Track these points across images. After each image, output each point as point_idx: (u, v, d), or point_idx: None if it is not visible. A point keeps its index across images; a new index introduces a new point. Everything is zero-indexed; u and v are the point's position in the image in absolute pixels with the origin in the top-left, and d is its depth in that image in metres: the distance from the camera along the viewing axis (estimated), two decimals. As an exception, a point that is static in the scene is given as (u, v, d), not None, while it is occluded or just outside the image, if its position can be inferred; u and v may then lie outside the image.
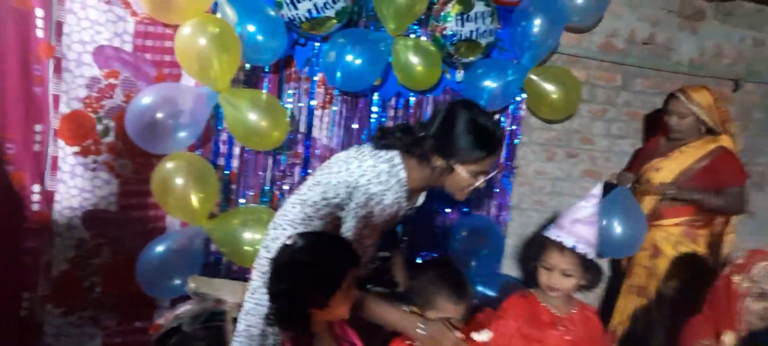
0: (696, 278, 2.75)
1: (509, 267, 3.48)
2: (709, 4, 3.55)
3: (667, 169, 2.92)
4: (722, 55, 3.68)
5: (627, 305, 3.06)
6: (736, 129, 3.00)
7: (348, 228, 1.80)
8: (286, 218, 2.00)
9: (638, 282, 3.02)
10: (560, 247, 1.93)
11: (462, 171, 1.82)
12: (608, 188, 2.76)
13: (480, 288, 3.06)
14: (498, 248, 3.10)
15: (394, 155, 1.85)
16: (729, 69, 3.68)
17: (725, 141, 2.90)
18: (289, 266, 1.49)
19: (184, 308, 2.42)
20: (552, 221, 3.41)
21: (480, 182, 1.86)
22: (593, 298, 3.53)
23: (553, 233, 1.96)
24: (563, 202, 3.55)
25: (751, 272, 1.76)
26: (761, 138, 3.90)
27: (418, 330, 1.76)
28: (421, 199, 2.14)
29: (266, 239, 2.08)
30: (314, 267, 1.47)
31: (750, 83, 3.73)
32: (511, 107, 3.21)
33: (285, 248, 1.53)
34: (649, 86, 3.56)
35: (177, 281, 2.56)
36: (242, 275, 2.78)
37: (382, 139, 1.90)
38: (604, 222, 2.65)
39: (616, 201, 2.74)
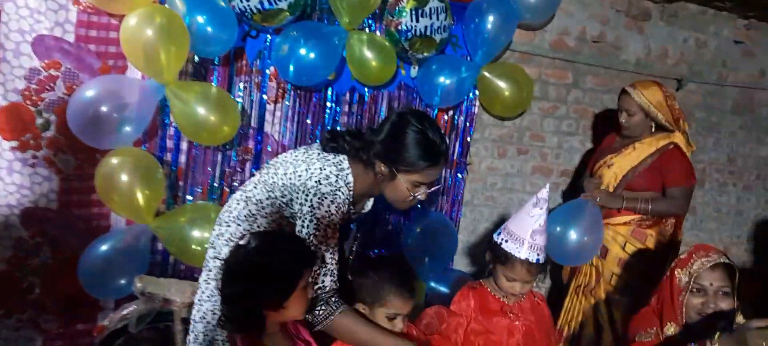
0: (644, 277, 2.79)
1: (461, 263, 3.52)
2: (654, 5, 3.66)
3: (618, 166, 2.93)
4: (667, 55, 3.79)
5: (574, 306, 3.07)
6: (687, 128, 3.00)
7: (309, 231, 1.76)
8: (231, 214, 1.97)
9: (585, 282, 3.03)
10: (527, 264, 1.98)
11: (404, 180, 1.82)
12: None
13: (433, 284, 3.08)
14: (450, 244, 3.12)
15: (342, 159, 1.84)
16: (673, 69, 3.80)
17: (678, 138, 2.90)
18: (243, 267, 1.45)
19: (130, 309, 2.34)
20: (503, 217, 3.49)
21: (420, 193, 1.86)
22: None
23: (514, 249, 1.98)
24: (514, 198, 3.61)
25: (692, 268, 1.82)
26: (702, 136, 4.04)
27: None
28: (368, 204, 2.14)
29: (211, 235, 2.04)
30: (269, 268, 1.43)
31: (692, 83, 3.86)
32: (465, 104, 3.23)
33: (238, 249, 1.49)
34: (599, 84, 3.64)
35: (122, 281, 2.47)
36: (191, 274, 2.71)
37: (331, 141, 1.88)
38: (559, 229, 2.68)
39: (581, 211, 2.75)
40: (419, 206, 2.00)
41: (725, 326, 1.63)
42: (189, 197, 2.74)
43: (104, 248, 2.45)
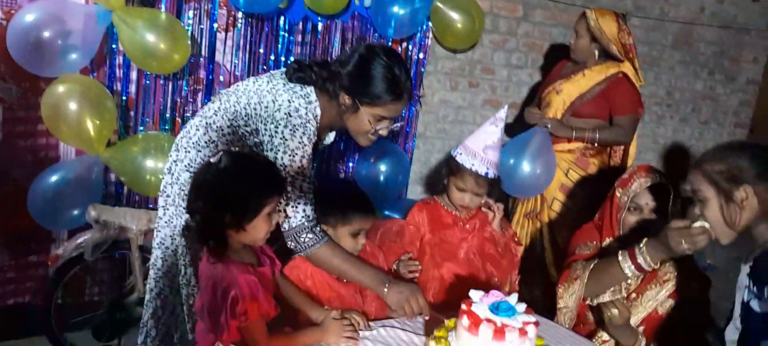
0: (585, 204, 2.89)
1: (414, 193, 3.61)
2: (602, -60, 3.72)
3: (566, 92, 2.98)
4: (613, -11, 3.89)
5: (520, 231, 3.16)
6: (640, 65, 3.06)
7: (283, 162, 1.77)
8: (190, 140, 1.95)
9: (530, 208, 3.13)
10: (476, 175, 2.03)
11: (367, 113, 1.83)
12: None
13: (386, 212, 3.17)
14: (403, 174, 3.19)
15: (309, 91, 1.83)
16: (618, 4, 3.91)
17: (627, 68, 2.95)
18: (210, 185, 1.46)
19: (84, 237, 2.33)
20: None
21: (382, 128, 1.89)
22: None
23: (467, 161, 2.05)
24: (465, 130, 3.69)
25: (630, 188, 1.93)
26: (643, 70, 4.18)
27: (384, 290, 1.78)
28: (330, 137, 2.16)
29: (168, 161, 2.03)
30: (234, 189, 1.45)
31: (636, 18, 3.98)
32: (418, 36, 3.25)
33: (208, 166, 1.49)
34: (548, 18, 3.72)
35: (75, 212, 2.44)
36: (145, 205, 2.71)
37: (299, 71, 1.85)
38: (513, 161, 2.76)
39: (532, 142, 2.81)
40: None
41: (654, 233, 1.76)
42: (141, 128, 2.70)
43: (54, 178, 2.41)
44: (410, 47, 3.25)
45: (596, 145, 2.96)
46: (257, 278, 1.47)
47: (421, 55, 3.30)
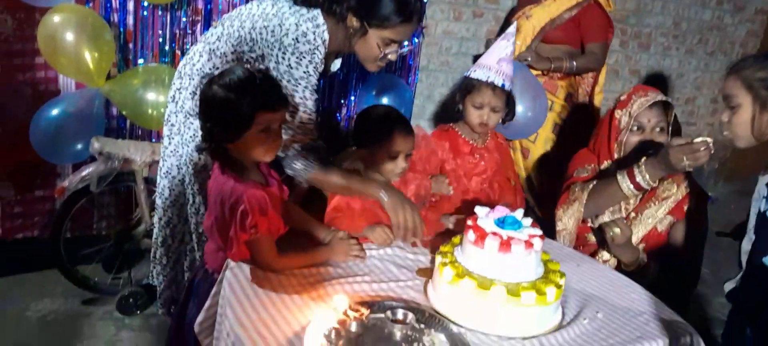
0: (554, 127, 2.91)
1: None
2: None
3: (536, 17, 2.93)
4: None
5: None
6: None
7: (286, 91, 1.75)
8: (194, 66, 1.93)
9: None
10: (492, 86, 2.00)
11: (374, 36, 1.79)
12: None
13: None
14: (406, 107, 3.16)
15: (317, 14, 1.77)
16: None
17: None
18: (204, 98, 1.46)
19: (89, 169, 2.33)
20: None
21: (391, 52, 1.84)
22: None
23: (482, 74, 2.02)
24: (469, 63, 3.64)
25: (632, 108, 1.92)
26: (650, 0, 4.12)
27: (384, 198, 1.76)
28: (337, 64, 2.12)
29: (172, 90, 2.01)
30: (222, 103, 1.44)
31: (644, -56, 3.88)
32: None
33: (210, 81, 1.48)
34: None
35: (78, 146, 2.43)
36: (148, 138, 2.70)
37: None
38: None
39: (521, 82, 2.65)
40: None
41: (653, 153, 1.76)
42: (140, 61, 2.67)
43: (55, 112, 2.39)
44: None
45: (574, 73, 2.95)
46: (269, 194, 1.48)
47: (423, -15, 3.22)
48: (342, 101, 3.18)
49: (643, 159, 1.76)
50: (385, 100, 3.01)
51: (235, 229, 1.44)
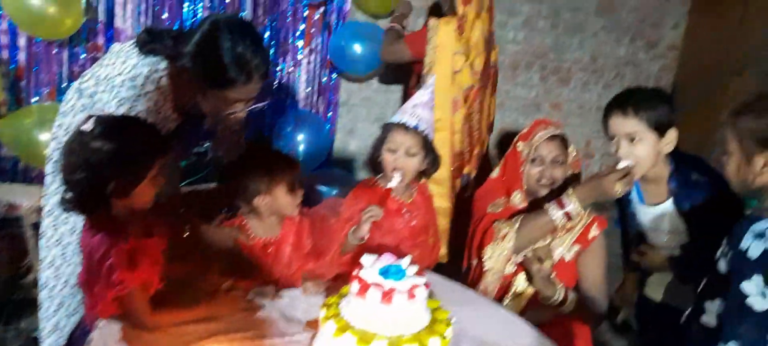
0: None
1: (340, 164, 3.55)
2: None
3: None
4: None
5: None
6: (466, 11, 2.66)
7: None
8: (67, 104, 1.82)
9: None
10: (404, 127, 1.95)
11: (216, 96, 1.68)
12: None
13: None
14: (324, 142, 3.12)
15: (159, 60, 1.67)
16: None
17: (442, 21, 2.64)
18: (87, 153, 1.34)
19: (-32, 217, 2.16)
20: (381, 117, 3.53)
21: (238, 111, 1.74)
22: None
23: (395, 118, 1.98)
24: (391, 98, 3.64)
25: (532, 140, 1.96)
26: (568, 37, 4.24)
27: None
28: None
29: (53, 127, 1.89)
30: (117, 155, 1.34)
31: (560, -16, 4.01)
32: (336, 2, 3.16)
33: (80, 135, 1.37)
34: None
35: (-40, 190, 2.26)
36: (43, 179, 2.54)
37: (150, 42, 1.68)
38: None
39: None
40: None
41: (570, 186, 1.84)
42: (34, 99, 2.52)
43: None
44: (328, 13, 3.16)
45: None
46: (140, 247, 1.38)
47: (339, 21, 3.21)
48: (258, 140, 3.10)
49: (571, 189, 1.80)
50: (300, 137, 2.96)
51: (101, 284, 1.33)
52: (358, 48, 3.02)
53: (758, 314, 1.28)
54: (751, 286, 1.29)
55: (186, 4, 2.72)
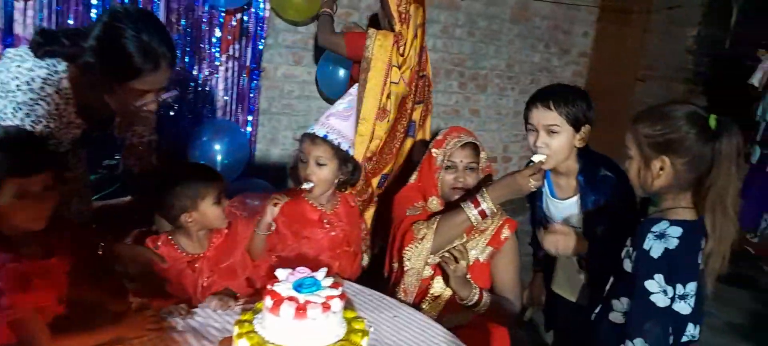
0: None
1: (260, 173, 3.49)
2: None
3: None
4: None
5: None
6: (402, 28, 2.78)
7: None
8: None
9: None
10: (312, 137, 1.93)
11: (123, 90, 1.60)
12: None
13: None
14: (242, 152, 3.06)
15: (58, 62, 1.59)
16: (458, -22, 4.02)
17: (380, 34, 2.74)
18: None
19: None
20: (302, 125, 3.50)
21: (149, 103, 1.67)
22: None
23: (309, 128, 1.96)
24: (312, 105, 3.63)
25: (446, 147, 2.01)
26: (484, 44, 4.38)
27: None
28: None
29: None
30: None
31: (476, -7, 4.13)
32: (255, 7, 3.11)
33: None
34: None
35: None
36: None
37: (45, 44, 1.58)
38: None
39: None
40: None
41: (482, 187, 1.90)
42: None
43: None
44: (246, 19, 3.11)
45: None
46: (35, 269, 1.31)
47: (258, 28, 3.16)
48: (173, 150, 3.00)
49: (483, 189, 1.85)
50: (217, 147, 2.89)
51: (-11, 310, 1.25)
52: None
53: (661, 311, 1.36)
54: (653, 284, 1.37)
55: (93, 11, 2.59)
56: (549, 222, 2.04)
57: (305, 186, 1.91)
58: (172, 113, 2.90)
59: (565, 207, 2.01)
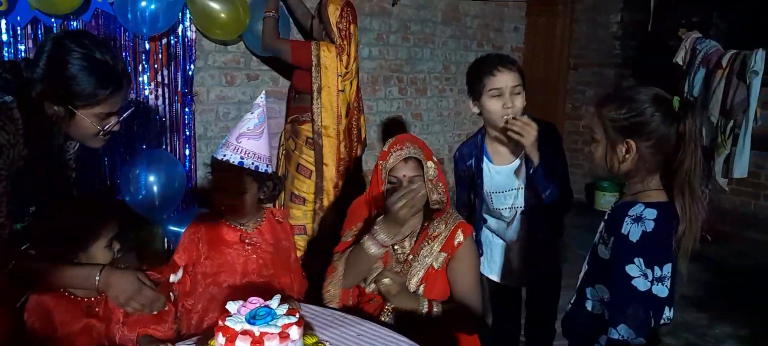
0: None
1: (202, 199, 3.35)
2: None
3: None
4: (381, -30, 3.97)
5: None
6: (343, 43, 3.03)
7: None
8: None
9: None
10: (226, 165, 1.82)
11: (86, 116, 1.53)
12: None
13: (171, 227, 2.89)
14: (179, 181, 2.91)
15: (2, 94, 1.48)
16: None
17: (323, 45, 2.98)
18: None
19: None
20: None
21: (112, 124, 1.62)
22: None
23: (219, 153, 1.83)
24: (251, 125, 3.52)
25: (388, 161, 1.88)
26: (419, 48, 4.38)
27: (96, 279, 1.50)
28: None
29: None
30: None
31: (406, -2, 4.13)
32: (180, 30, 2.99)
33: None
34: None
35: None
36: None
37: None
38: None
39: None
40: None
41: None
42: None
43: None
44: (172, 44, 2.98)
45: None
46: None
47: (186, 51, 3.04)
48: (107, 183, 2.84)
49: (378, 220, 1.77)
50: (152, 179, 2.74)
51: None
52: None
53: (642, 294, 1.35)
54: (634, 268, 1.36)
55: (6, 48, 2.42)
56: (487, 196, 2.13)
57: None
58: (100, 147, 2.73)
59: (508, 171, 2.08)
